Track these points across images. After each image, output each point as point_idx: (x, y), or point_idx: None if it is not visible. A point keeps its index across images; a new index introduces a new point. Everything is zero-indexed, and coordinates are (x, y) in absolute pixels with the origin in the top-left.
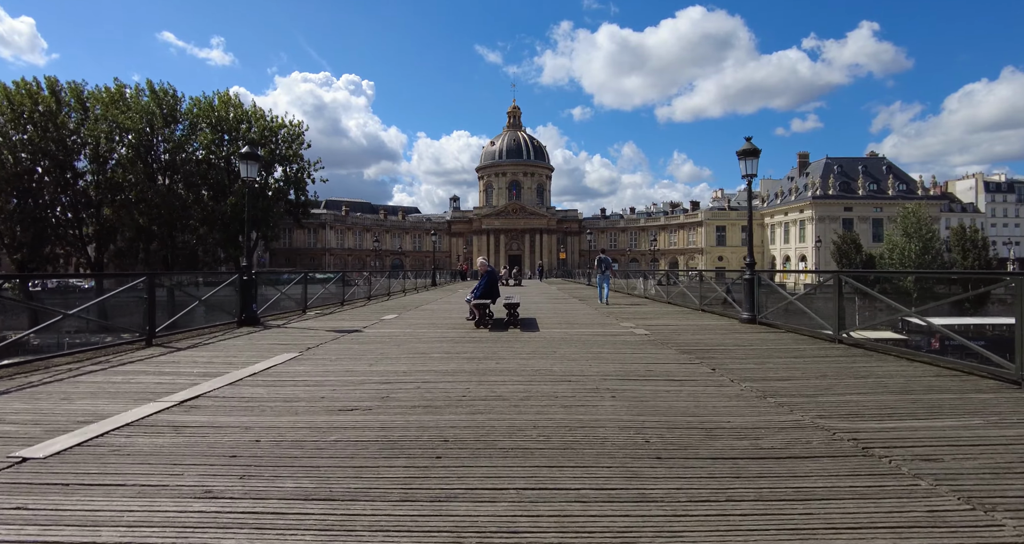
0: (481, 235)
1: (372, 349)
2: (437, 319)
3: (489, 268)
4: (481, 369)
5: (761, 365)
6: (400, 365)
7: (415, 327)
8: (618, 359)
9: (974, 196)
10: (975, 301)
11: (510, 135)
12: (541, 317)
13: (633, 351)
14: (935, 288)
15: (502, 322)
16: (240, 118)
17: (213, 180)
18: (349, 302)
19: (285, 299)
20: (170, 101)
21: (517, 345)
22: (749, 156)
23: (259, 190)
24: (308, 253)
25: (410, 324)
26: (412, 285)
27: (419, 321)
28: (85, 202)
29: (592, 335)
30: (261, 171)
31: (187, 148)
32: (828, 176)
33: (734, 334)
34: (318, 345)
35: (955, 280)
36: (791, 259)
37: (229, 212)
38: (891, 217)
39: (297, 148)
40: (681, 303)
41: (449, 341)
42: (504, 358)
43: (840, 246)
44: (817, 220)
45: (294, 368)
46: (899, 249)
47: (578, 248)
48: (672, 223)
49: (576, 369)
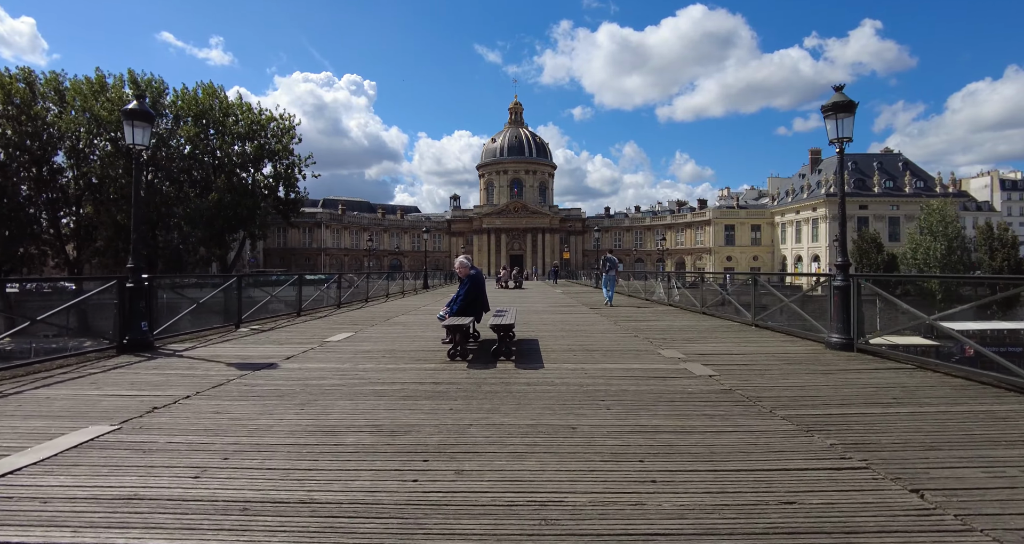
0: (482, 235)
1: (247, 417)
2: (401, 342)
3: (473, 270)
4: (421, 495)
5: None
6: (258, 474)
7: (359, 358)
8: (695, 450)
9: (989, 194)
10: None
11: (511, 132)
12: (545, 336)
13: (710, 420)
14: (962, 290)
15: (489, 350)
16: (226, 111)
17: (199, 176)
18: (309, 311)
19: (208, 312)
20: (153, 93)
21: (506, 407)
22: (842, 112)
23: (245, 187)
24: (303, 253)
25: (357, 352)
26: (400, 287)
27: (373, 347)
28: (63, 199)
29: (628, 378)
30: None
31: (171, 143)
32: None
33: (847, 374)
34: (166, 405)
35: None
36: (803, 259)
37: (212, 208)
38: (908, 215)
39: (287, 142)
40: (721, 315)
41: (394, 394)
42: (478, 449)
43: (860, 245)
44: (831, 218)
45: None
46: (923, 248)
47: (581, 248)
48: (679, 222)
49: (624, 499)
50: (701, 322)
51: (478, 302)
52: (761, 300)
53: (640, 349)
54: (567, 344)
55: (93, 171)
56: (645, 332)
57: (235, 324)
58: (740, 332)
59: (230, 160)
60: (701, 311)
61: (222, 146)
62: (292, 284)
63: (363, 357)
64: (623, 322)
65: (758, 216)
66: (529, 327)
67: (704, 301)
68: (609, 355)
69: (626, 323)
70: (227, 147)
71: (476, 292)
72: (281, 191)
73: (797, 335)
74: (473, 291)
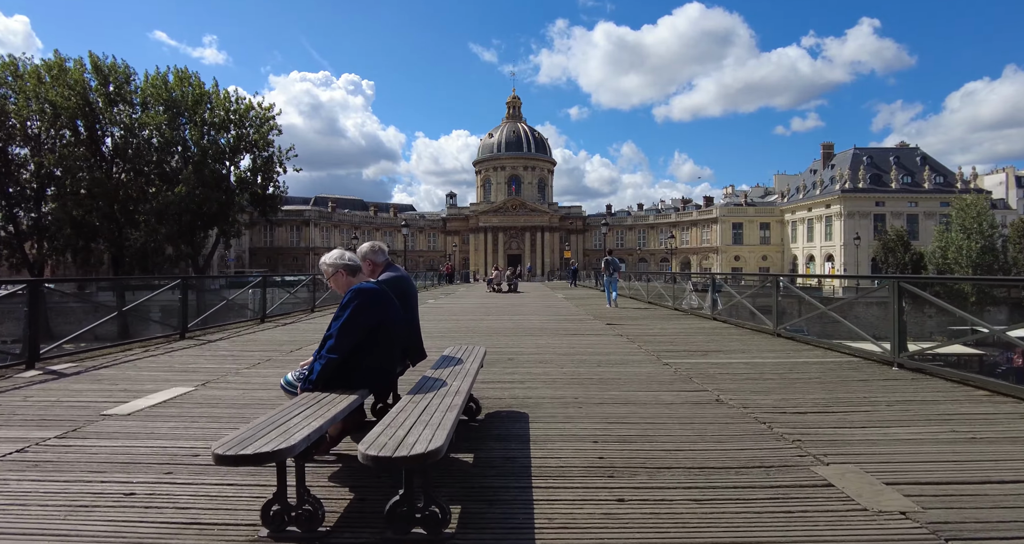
0: (478, 233)
1: None
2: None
3: (390, 271)
4: None
5: None
6: None
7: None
8: None
9: (1004, 191)
10: None
11: (509, 127)
12: (544, 403)
13: None
14: (995, 292)
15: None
16: (199, 98)
17: (169, 169)
18: (276, 317)
19: None
20: (118, 79)
21: None
22: None
23: (217, 180)
24: (290, 252)
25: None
26: None
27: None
28: (20, 194)
29: None
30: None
31: (139, 132)
32: (858, 168)
33: None
34: None
35: None
36: (815, 259)
37: (180, 202)
38: (928, 212)
39: (266, 132)
40: (802, 340)
41: None
42: None
43: (886, 243)
44: (846, 216)
45: None
46: (955, 246)
47: (582, 247)
48: (684, 220)
49: None
50: (787, 352)
51: (384, 347)
52: (866, 316)
53: (767, 459)
54: (592, 433)
55: (51, 163)
56: (730, 387)
57: (180, 334)
58: (867, 370)
59: (204, 152)
60: (772, 331)
61: (193, 136)
62: (256, 286)
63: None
64: (671, 356)
65: (767, 214)
66: (515, 368)
67: (782, 317)
68: (715, 489)
69: (677, 359)
70: (200, 138)
71: (377, 320)
72: (261, 186)
73: (947, 377)
74: (369, 318)
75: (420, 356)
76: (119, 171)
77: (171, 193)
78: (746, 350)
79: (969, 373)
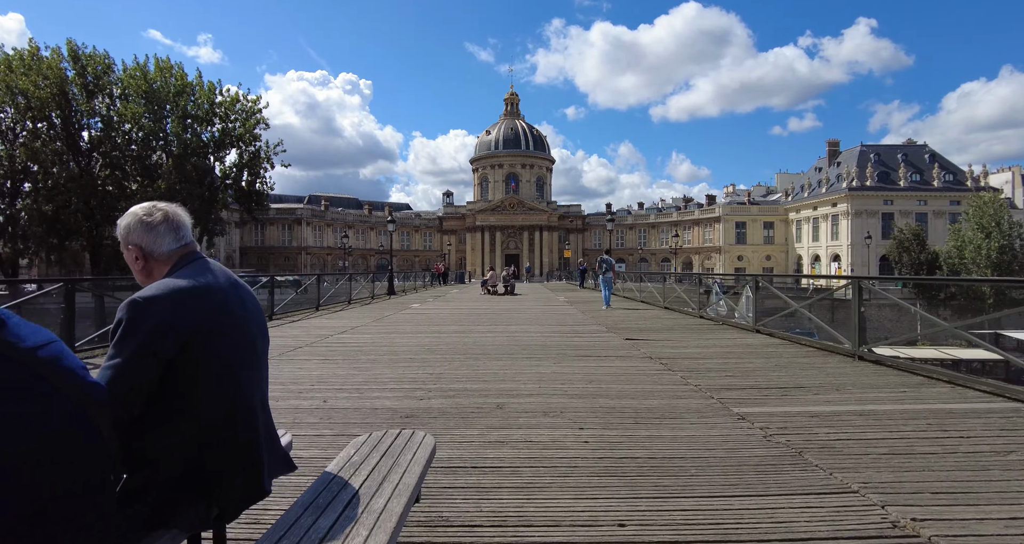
0: (475, 232)
1: None
2: None
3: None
4: None
5: None
6: None
7: None
8: None
9: (1011, 190)
10: None
11: (507, 124)
12: (563, 526)
13: None
14: (1013, 293)
15: None
16: (181, 89)
17: (151, 162)
18: None
19: None
20: (96, 68)
21: None
22: None
23: (200, 175)
24: (282, 252)
25: None
26: (369, 291)
27: None
28: None
29: None
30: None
31: (119, 125)
32: (865, 165)
33: None
34: None
35: None
36: (821, 258)
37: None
38: (937, 211)
39: (252, 126)
40: (906, 369)
41: None
42: None
43: (900, 241)
44: (854, 214)
45: None
46: (972, 246)
47: (581, 246)
48: (686, 219)
49: None
50: (882, 386)
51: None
52: None
53: None
54: None
55: (24, 156)
56: (888, 479)
57: None
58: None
59: (186, 146)
60: (854, 353)
61: (175, 129)
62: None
63: None
64: (738, 398)
65: (771, 213)
66: (504, 430)
67: (859, 335)
68: None
69: (750, 406)
70: (182, 131)
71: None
72: (249, 182)
73: None
74: None
75: (269, 473)
76: (97, 165)
77: (151, 189)
78: (839, 385)
79: None
